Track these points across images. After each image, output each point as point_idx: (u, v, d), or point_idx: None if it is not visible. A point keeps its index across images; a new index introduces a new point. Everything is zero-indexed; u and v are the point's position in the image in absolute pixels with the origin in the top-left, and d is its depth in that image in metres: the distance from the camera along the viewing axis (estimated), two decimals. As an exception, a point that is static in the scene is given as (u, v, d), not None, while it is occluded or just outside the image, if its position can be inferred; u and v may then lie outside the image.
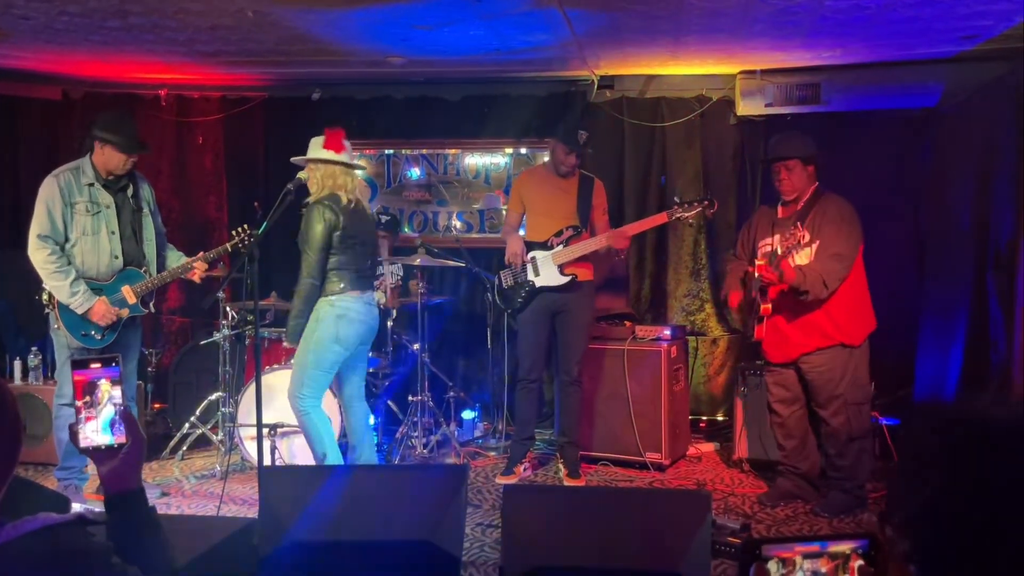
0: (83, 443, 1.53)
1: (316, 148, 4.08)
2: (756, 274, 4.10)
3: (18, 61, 5.47)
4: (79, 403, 1.53)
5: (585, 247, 4.58)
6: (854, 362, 4.16)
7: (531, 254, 4.65)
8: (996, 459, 1.01)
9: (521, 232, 4.86)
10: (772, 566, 1.12)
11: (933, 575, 1.02)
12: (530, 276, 4.65)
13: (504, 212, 5.89)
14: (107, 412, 1.53)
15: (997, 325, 4.58)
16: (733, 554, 3.54)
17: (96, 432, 1.53)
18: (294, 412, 4.09)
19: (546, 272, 4.62)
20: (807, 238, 4.06)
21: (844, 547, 1.14)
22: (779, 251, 4.11)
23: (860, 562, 1.13)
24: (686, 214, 4.55)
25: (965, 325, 4.90)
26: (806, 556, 1.13)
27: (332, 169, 4.05)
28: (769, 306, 4.11)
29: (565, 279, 4.60)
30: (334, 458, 4.07)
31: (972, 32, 4.50)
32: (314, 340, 4.01)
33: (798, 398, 4.27)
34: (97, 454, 1.53)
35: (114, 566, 1.35)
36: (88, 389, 1.53)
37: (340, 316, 4.01)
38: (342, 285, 4.02)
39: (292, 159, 4.20)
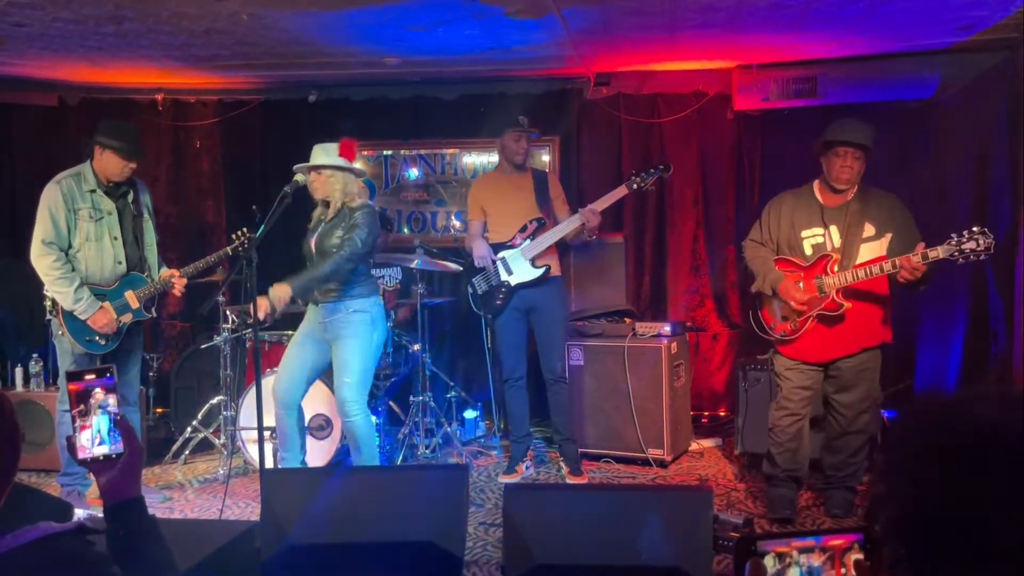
0: (81, 454, 1.53)
1: (330, 155, 4.09)
2: (867, 270, 3.80)
3: (13, 68, 5.47)
4: (74, 412, 1.53)
5: (555, 233, 4.59)
6: (883, 361, 4.06)
7: (500, 255, 4.67)
8: (985, 457, 0.99)
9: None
10: (768, 561, 1.12)
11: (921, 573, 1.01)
12: (503, 277, 4.66)
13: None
14: (101, 421, 1.53)
15: (996, 316, 4.58)
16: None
17: (92, 441, 1.53)
18: (351, 417, 4.07)
19: (518, 269, 4.64)
20: (873, 231, 3.93)
21: (839, 541, 1.14)
22: (837, 243, 3.94)
23: (856, 556, 1.14)
24: (645, 182, 4.53)
25: (965, 316, 4.90)
26: (802, 551, 1.13)
27: (350, 177, 4.14)
28: (850, 304, 3.89)
29: (539, 271, 4.62)
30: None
31: (968, 22, 4.49)
32: (374, 343, 4.16)
33: (812, 400, 4.13)
34: (95, 465, 1.53)
35: (114, 576, 1.35)
36: (81, 398, 1.54)
37: (383, 317, 4.25)
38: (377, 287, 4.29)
39: (310, 164, 4.10)
